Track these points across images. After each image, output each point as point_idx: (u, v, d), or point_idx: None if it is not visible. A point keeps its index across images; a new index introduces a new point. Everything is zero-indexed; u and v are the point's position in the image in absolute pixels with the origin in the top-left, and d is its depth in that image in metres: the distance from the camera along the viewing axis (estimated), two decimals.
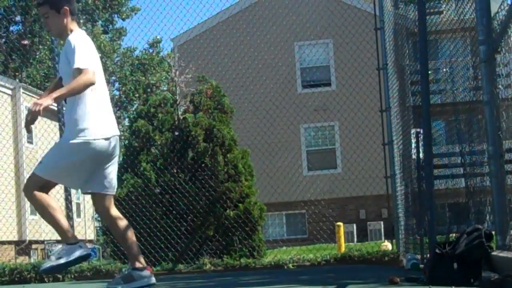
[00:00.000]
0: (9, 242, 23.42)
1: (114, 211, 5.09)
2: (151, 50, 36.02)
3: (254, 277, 7.65)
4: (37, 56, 34.15)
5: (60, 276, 8.79)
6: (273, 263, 9.09)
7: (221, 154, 10.15)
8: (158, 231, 9.68)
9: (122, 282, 4.99)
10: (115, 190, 5.13)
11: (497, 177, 4.59)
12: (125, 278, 5.00)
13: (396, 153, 8.98)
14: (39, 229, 25.62)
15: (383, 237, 19.84)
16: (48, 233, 24.68)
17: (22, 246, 25.58)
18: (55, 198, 5.04)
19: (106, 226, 10.92)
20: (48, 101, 4.70)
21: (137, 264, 5.01)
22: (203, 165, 10.06)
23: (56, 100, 4.75)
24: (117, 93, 37.23)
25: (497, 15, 4.72)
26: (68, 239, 4.88)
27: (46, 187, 4.92)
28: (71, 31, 4.94)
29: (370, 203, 22.19)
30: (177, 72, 11.00)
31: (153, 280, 5.06)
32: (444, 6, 7.71)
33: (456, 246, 4.61)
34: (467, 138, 6.08)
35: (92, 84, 4.76)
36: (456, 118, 6.61)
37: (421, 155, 7.18)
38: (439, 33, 7.21)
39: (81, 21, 34.64)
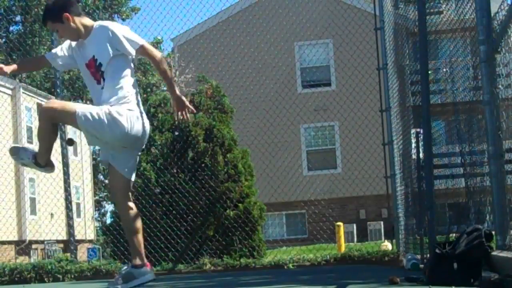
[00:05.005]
0: (9, 242, 23.42)
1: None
2: None
3: (254, 277, 7.65)
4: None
5: (60, 276, 8.80)
6: (273, 263, 9.09)
7: (221, 154, 10.15)
8: (158, 231, 9.68)
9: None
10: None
11: (497, 177, 4.59)
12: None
13: (396, 153, 8.98)
14: (39, 229, 25.63)
15: (383, 237, 19.85)
16: (48, 233, 24.70)
17: (22, 246, 25.60)
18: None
19: (107, 226, 10.93)
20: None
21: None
22: (203, 165, 10.06)
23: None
24: None
25: (497, 15, 4.72)
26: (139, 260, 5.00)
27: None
28: (88, 26, 4.97)
29: (370, 203, 22.19)
30: (177, 72, 11.01)
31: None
32: (444, 6, 7.72)
33: (456, 246, 4.61)
34: (467, 138, 6.08)
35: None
36: (456, 118, 6.60)
37: (421, 155, 7.18)
38: (439, 33, 7.20)
39: None
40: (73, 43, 5.08)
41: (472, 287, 4.31)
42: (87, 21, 5.04)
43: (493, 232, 4.61)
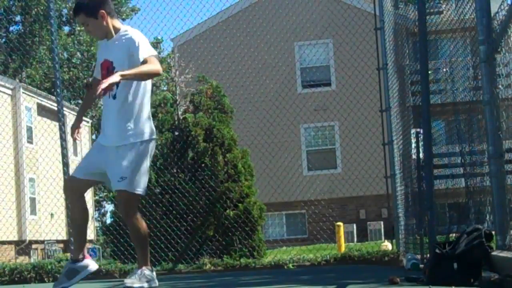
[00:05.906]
0: (9, 242, 23.42)
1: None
2: None
3: (254, 277, 7.65)
4: (37, 56, 34.15)
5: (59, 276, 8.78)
6: (273, 263, 9.08)
7: (221, 154, 10.15)
8: (158, 231, 9.67)
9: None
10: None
11: (497, 177, 4.59)
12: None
13: (396, 153, 8.98)
14: (39, 229, 25.62)
15: (383, 237, 19.84)
16: (48, 233, 24.69)
17: (22, 246, 25.59)
18: None
19: (107, 226, 10.94)
20: (114, 77, 4.61)
21: None
22: (203, 165, 10.06)
23: (123, 77, 4.66)
24: None
25: (497, 15, 4.72)
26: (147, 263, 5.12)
27: None
28: (117, 29, 4.95)
29: (370, 203, 22.19)
30: (177, 72, 11.00)
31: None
32: (444, 6, 7.71)
33: (456, 246, 4.61)
34: (467, 138, 6.08)
35: (158, 74, 4.87)
36: (456, 118, 6.60)
37: (421, 155, 7.18)
38: (439, 33, 7.20)
39: None
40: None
41: (472, 287, 4.31)
42: (117, 23, 5.02)
43: (493, 232, 4.61)
